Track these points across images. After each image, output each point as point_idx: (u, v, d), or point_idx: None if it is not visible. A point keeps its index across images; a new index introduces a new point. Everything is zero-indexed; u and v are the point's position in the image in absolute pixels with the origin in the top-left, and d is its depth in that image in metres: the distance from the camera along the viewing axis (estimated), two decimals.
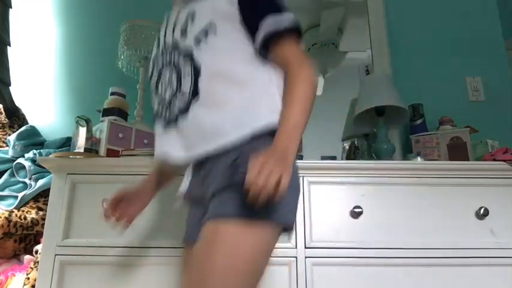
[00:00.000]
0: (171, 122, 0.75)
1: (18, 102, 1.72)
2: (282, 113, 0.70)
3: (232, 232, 0.64)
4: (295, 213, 0.73)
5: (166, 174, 0.91)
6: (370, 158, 1.52)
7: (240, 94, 0.71)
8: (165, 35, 0.83)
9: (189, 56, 0.74)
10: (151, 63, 0.87)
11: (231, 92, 0.71)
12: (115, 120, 1.35)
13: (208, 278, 0.62)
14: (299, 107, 0.69)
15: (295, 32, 0.75)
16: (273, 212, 0.65)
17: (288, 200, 0.67)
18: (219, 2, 0.76)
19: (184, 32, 0.76)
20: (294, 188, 0.72)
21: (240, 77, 0.72)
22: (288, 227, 0.70)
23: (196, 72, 0.72)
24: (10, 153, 1.48)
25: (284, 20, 0.73)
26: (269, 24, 0.72)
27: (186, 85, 0.73)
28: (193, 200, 0.81)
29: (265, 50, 0.75)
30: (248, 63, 0.74)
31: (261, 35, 0.73)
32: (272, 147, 0.65)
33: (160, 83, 0.80)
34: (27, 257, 1.30)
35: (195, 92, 0.72)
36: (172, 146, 0.74)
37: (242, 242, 0.63)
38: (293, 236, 1.08)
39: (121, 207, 0.84)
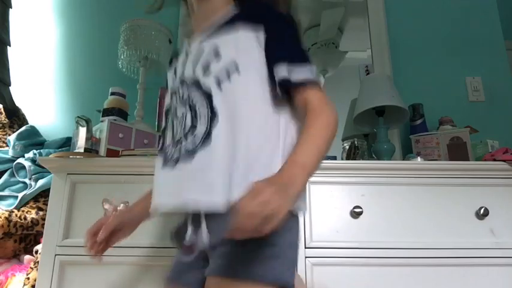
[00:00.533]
0: (171, 161, 0.69)
1: (18, 102, 1.72)
2: (292, 150, 0.64)
3: None
4: (294, 271, 0.66)
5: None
6: (370, 158, 1.52)
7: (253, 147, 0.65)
8: (184, 68, 0.74)
9: (209, 98, 0.67)
10: (169, 93, 0.79)
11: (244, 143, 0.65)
12: (115, 120, 1.35)
13: None
14: (313, 148, 0.62)
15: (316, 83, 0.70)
16: (280, 272, 0.61)
17: (287, 258, 0.63)
18: (245, 38, 0.70)
19: (206, 69, 0.69)
20: (295, 244, 0.67)
21: (256, 128, 0.66)
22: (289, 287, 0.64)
23: (212, 117, 0.66)
24: (10, 153, 1.48)
25: (304, 72, 0.68)
26: (293, 73, 0.67)
27: (201, 129, 0.66)
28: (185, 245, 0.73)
29: (284, 92, 0.69)
30: (266, 111, 0.68)
31: (280, 79, 0.67)
32: (274, 177, 0.58)
33: (175, 121, 0.73)
34: (27, 257, 1.30)
35: (207, 137, 0.65)
36: (167, 189, 0.68)
37: None
38: None
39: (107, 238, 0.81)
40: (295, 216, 0.67)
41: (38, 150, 1.45)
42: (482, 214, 1.10)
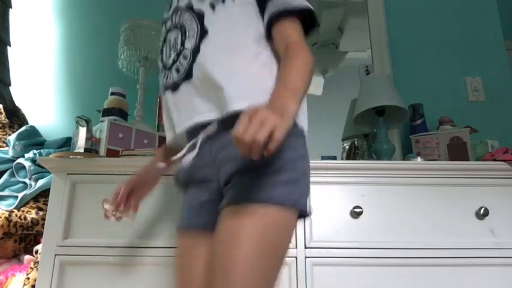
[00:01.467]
0: (177, 85, 0.72)
1: (18, 102, 1.72)
2: (277, 77, 0.66)
3: (259, 217, 0.60)
4: (308, 198, 0.67)
5: (174, 150, 0.80)
6: (370, 158, 1.52)
7: (245, 67, 0.68)
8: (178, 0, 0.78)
9: (200, 18, 0.71)
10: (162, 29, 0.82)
11: (235, 62, 0.68)
12: (115, 120, 1.35)
13: (235, 267, 0.57)
14: (298, 74, 0.64)
15: (303, 15, 0.73)
16: (296, 196, 0.63)
17: (303, 184, 0.65)
18: None
19: None
20: (307, 172, 0.68)
21: (247, 52, 0.70)
22: (306, 213, 0.66)
23: (202, 35, 0.69)
24: (10, 153, 1.48)
25: (293, 2, 0.71)
26: (278, 3, 0.71)
27: (189, 44, 0.70)
28: (195, 180, 0.74)
29: (269, 30, 0.73)
30: (256, 41, 0.72)
31: (269, 12, 0.71)
32: (267, 102, 0.59)
33: (165, 48, 0.77)
34: (27, 257, 1.30)
35: (195, 51, 0.69)
36: (192, 107, 0.70)
37: (270, 227, 0.60)
38: (293, 235, 1.08)
39: (129, 199, 0.82)
40: (301, 137, 0.70)
41: (38, 150, 1.45)
42: (482, 214, 1.10)
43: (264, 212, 0.60)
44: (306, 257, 1.07)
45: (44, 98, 1.81)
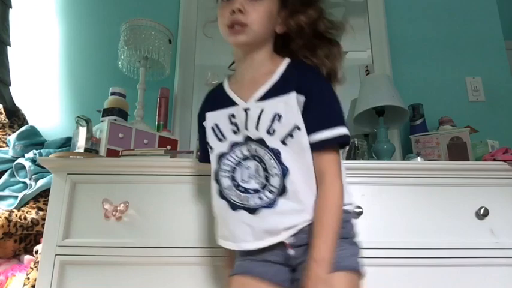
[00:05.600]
0: (245, 209, 0.81)
1: (18, 102, 1.72)
2: (315, 233, 0.75)
3: (346, 282, 0.75)
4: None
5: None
6: (370, 158, 1.52)
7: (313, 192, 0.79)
8: (246, 128, 0.82)
9: (278, 157, 0.78)
10: (212, 141, 0.88)
11: (308, 190, 0.79)
12: (115, 120, 1.35)
13: None
14: (331, 233, 0.74)
15: (340, 145, 0.81)
16: (360, 265, 0.78)
17: (359, 255, 0.80)
18: (291, 100, 0.79)
19: (272, 132, 0.79)
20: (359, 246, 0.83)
21: (312, 178, 0.79)
22: (363, 277, 0.80)
23: (284, 173, 0.78)
24: (10, 153, 1.48)
25: (333, 130, 0.79)
26: (326, 134, 0.78)
27: (275, 182, 0.79)
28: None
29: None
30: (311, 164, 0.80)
31: (317, 140, 0.78)
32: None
33: (238, 170, 0.83)
34: (27, 257, 1.30)
35: (283, 190, 0.78)
36: (245, 232, 0.81)
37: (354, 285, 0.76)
38: None
39: None
40: (349, 221, 0.84)
41: (38, 150, 1.45)
42: (482, 214, 1.10)
43: (347, 278, 0.76)
44: None
45: (44, 98, 1.81)
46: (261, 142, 0.80)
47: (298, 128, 0.78)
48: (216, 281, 1.04)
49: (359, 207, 1.10)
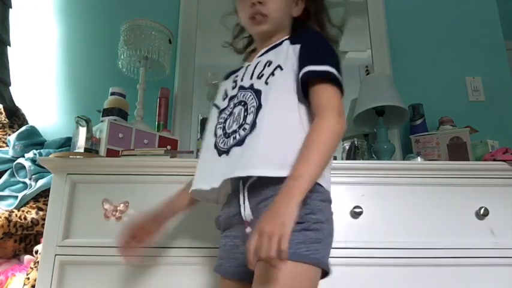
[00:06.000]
0: (223, 152, 0.80)
1: (18, 102, 1.72)
2: (297, 157, 0.70)
3: (289, 273, 0.66)
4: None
5: (187, 202, 0.92)
6: (370, 158, 1.52)
7: (293, 135, 0.75)
8: (242, 80, 0.87)
9: (259, 96, 0.80)
10: (223, 99, 0.91)
11: (287, 130, 0.76)
12: (115, 120, 1.35)
13: None
14: (314, 156, 0.69)
15: (336, 82, 0.79)
16: (322, 256, 0.70)
17: (326, 245, 0.72)
18: (288, 51, 0.82)
19: (260, 76, 0.83)
20: (331, 234, 0.75)
21: (290, 120, 0.77)
22: (327, 272, 0.72)
23: (258, 107, 0.78)
24: (10, 153, 1.48)
25: (317, 67, 0.77)
26: (312, 68, 0.77)
27: (249, 119, 0.78)
28: (226, 224, 0.83)
29: (304, 91, 0.79)
30: (293, 100, 0.79)
31: (302, 72, 0.77)
32: (271, 209, 0.65)
33: (229, 119, 0.84)
34: (27, 257, 1.30)
35: (253, 126, 0.76)
36: (223, 170, 0.77)
37: (295, 280, 0.67)
38: None
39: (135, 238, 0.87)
40: (328, 201, 0.76)
41: (38, 150, 1.45)
42: (482, 214, 1.10)
43: (291, 268, 0.66)
44: None
45: (44, 98, 1.81)
46: (250, 87, 0.83)
47: (281, 68, 0.80)
48: (216, 281, 1.04)
49: (359, 207, 1.10)
